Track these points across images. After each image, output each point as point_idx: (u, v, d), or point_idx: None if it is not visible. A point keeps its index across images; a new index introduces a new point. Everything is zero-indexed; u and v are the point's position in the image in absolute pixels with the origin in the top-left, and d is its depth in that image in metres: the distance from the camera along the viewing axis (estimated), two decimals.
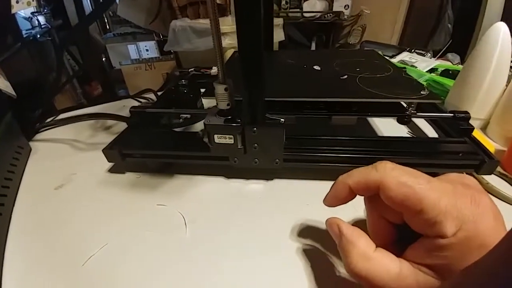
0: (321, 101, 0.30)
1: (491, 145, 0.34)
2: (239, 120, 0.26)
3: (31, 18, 1.18)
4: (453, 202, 0.14)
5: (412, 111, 0.29)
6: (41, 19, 1.23)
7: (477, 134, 0.32)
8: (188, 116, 0.41)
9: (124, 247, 0.24)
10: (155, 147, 0.31)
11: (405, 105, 0.30)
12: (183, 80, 0.42)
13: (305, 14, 1.30)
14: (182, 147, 0.31)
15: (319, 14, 1.28)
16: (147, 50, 1.47)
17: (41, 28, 1.21)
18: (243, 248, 0.24)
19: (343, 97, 0.29)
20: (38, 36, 1.16)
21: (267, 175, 0.31)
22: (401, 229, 0.17)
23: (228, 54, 0.63)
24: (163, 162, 0.33)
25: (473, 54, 0.38)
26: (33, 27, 1.18)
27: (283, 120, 0.25)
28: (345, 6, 1.32)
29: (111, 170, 0.34)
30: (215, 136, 0.27)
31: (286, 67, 0.41)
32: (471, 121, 0.32)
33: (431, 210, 0.14)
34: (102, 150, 0.31)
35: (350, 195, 0.18)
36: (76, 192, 0.31)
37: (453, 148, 0.28)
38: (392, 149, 0.28)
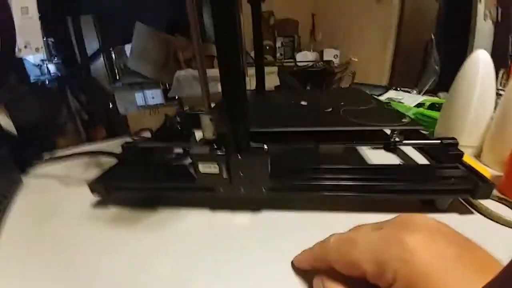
0: (307, 131, 0.31)
1: (487, 171, 0.33)
2: (223, 149, 0.26)
3: (41, 66, 1.28)
4: (381, 251, 0.15)
5: (397, 139, 0.29)
6: (52, 67, 1.33)
7: (471, 161, 0.32)
8: (181, 151, 0.42)
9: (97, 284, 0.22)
10: (138, 180, 0.31)
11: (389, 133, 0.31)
12: (177, 117, 0.44)
13: (298, 64, 1.42)
14: (167, 179, 0.30)
15: (311, 63, 1.40)
16: (153, 97, 1.57)
17: (50, 75, 1.31)
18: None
19: (327, 126, 0.30)
20: (47, 82, 1.25)
21: (254, 206, 0.30)
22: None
23: None
24: (148, 196, 0.33)
25: (456, 83, 0.39)
26: (42, 74, 1.28)
27: (267, 147, 0.26)
28: (334, 55, 1.45)
29: (96, 205, 0.33)
30: (200, 165, 0.27)
31: (275, 103, 0.43)
32: (463, 150, 0.31)
33: (368, 269, 0.15)
34: (87, 183, 0.31)
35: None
36: (58, 226, 0.30)
37: (445, 174, 0.28)
38: (382, 176, 0.28)
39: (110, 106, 1.60)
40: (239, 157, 0.26)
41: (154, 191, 0.31)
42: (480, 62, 0.37)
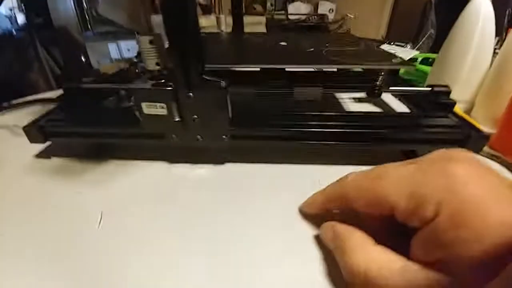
0: (280, 69, 0.26)
1: (479, 125, 0.30)
2: (171, 84, 0.21)
3: (11, 16, 1.13)
4: (420, 183, 0.13)
5: (382, 82, 0.25)
6: (21, 17, 1.17)
7: (462, 115, 0.28)
8: None
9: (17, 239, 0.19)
10: (77, 124, 0.26)
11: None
12: (134, 58, 0.37)
13: (290, 17, 1.29)
14: (108, 124, 0.25)
15: (304, 17, 1.27)
16: (128, 50, 1.42)
17: (19, 26, 1.16)
18: (160, 243, 0.18)
19: (304, 64, 0.25)
20: (15, 32, 1.11)
21: (217, 158, 0.26)
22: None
23: None
24: (95, 145, 0.28)
25: (453, 31, 0.35)
26: (12, 24, 1.13)
27: (224, 82, 0.21)
28: (329, 9, 1.32)
29: (39, 155, 0.29)
30: (143, 104, 0.22)
31: (251, 44, 0.37)
32: None
33: (400, 203, 0.13)
34: (23, 128, 0.26)
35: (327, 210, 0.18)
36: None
37: (434, 123, 0.24)
38: (365, 124, 0.24)
39: (83, 59, 1.45)
40: (190, 95, 0.21)
41: (94, 137, 0.26)
42: (481, 8, 0.32)
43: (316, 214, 0.18)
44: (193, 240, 0.19)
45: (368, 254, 0.13)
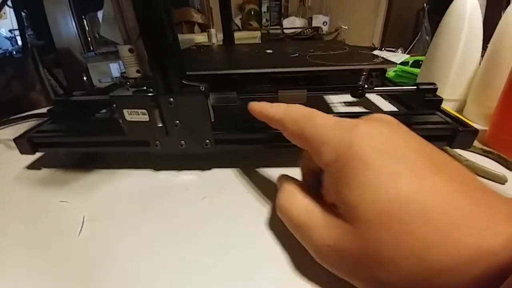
0: (264, 74, 0.26)
1: (471, 123, 0.29)
2: (152, 90, 0.21)
3: (12, 38, 1.18)
4: (332, 131, 0.14)
5: (365, 82, 0.25)
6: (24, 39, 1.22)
7: (450, 111, 0.28)
8: None
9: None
10: (66, 134, 0.26)
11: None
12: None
13: (285, 31, 1.33)
14: (93, 133, 0.25)
15: (298, 30, 1.31)
16: None
17: (20, 47, 1.21)
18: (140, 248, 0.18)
19: (286, 67, 0.25)
20: (15, 52, 1.15)
21: (202, 164, 0.26)
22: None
23: None
24: (83, 156, 0.28)
25: (440, 30, 0.35)
26: (13, 46, 1.18)
27: (204, 86, 0.21)
28: (323, 22, 1.35)
29: (29, 167, 0.29)
30: (125, 111, 0.22)
31: (237, 52, 0.38)
32: (445, 104, 0.27)
33: (311, 141, 0.14)
34: (13, 139, 0.26)
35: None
36: None
37: (419, 120, 0.24)
38: None
39: (85, 78, 1.49)
40: (171, 100, 0.21)
41: (80, 146, 0.26)
42: (467, 5, 0.32)
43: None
44: (178, 246, 0.18)
45: (292, 197, 0.16)
